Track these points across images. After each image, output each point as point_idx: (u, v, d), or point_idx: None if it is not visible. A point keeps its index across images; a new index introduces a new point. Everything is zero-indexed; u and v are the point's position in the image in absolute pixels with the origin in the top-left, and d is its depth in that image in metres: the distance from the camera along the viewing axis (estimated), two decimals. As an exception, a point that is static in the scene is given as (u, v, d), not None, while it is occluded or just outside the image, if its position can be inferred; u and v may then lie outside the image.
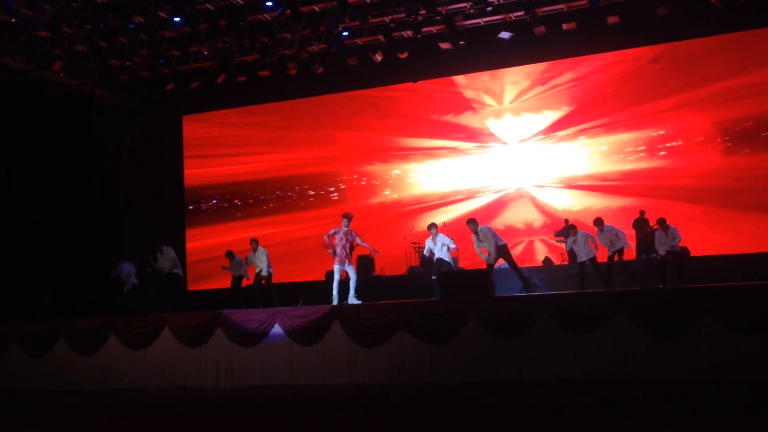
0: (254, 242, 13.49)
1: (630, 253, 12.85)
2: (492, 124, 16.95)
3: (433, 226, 12.33)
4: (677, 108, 15.57)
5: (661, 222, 12.22)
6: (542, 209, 16.45)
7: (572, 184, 16.26)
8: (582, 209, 15.91)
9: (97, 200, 17.23)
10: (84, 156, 17.21)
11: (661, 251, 12.15)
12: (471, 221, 11.93)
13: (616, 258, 12.26)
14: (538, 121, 16.59)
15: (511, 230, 16.18)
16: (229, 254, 14.71)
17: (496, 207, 16.75)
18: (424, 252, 12.59)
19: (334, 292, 11.73)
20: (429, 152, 17.41)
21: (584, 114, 16.24)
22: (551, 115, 16.50)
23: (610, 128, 16.04)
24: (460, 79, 17.26)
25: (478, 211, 16.63)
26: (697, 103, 15.46)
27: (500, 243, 11.84)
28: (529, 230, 16.48)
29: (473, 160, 17.05)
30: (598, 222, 12.46)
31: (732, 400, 7.95)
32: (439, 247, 12.08)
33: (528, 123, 16.67)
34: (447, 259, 12.17)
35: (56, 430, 8.60)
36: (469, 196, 16.99)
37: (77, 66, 16.23)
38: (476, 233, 11.78)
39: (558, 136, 16.41)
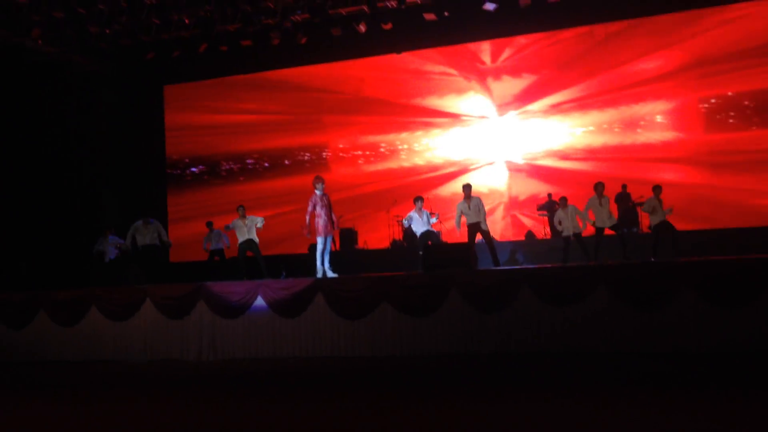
0: (242, 209, 13.11)
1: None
2: (476, 97, 16.87)
3: (419, 199, 12.41)
4: (664, 82, 15.56)
5: (657, 189, 12.07)
6: (523, 183, 16.45)
7: (557, 158, 16.26)
8: (564, 183, 15.92)
9: (75, 171, 17.00)
10: (62, 125, 16.95)
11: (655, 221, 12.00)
12: (466, 186, 12.19)
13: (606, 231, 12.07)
14: (524, 94, 16.52)
15: (489, 204, 16.20)
16: (209, 225, 14.56)
17: (477, 181, 16.73)
18: (404, 221, 12.69)
19: (319, 264, 11.70)
20: (414, 124, 17.32)
21: (570, 87, 16.18)
22: (537, 88, 16.42)
23: (595, 102, 16.00)
24: (447, 50, 17.07)
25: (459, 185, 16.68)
26: (684, 78, 15.44)
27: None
28: (509, 204, 16.49)
29: (457, 133, 16.98)
30: (599, 186, 12.15)
31: (711, 373, 8.08)
32: (425, 221, 12.22)
33: (513, 96, 16.59)
34: (433, 230, 12.32)
35: (38, 401, 8.56)
36: (459, 170, 16.93)
37: (55, 33, 15.89)
38: (469, 198, 12.01)
39: (543, 110, 16.37)
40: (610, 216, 12.08)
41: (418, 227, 12.40)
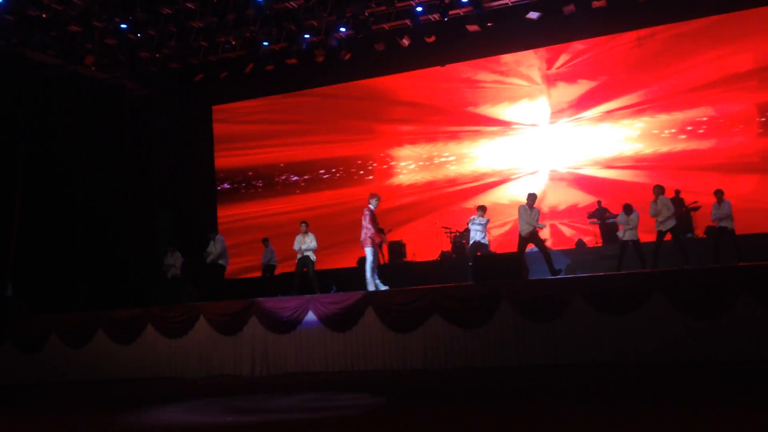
0: (305, 225, 13.26)
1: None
2: (527, 105, 16.73)
3: (481, 208, 12.33)
4: (721, 87, 15.18)
5: (718, 193, 11.86)
6: (571, 192, 16.25)
7: (604, 166, 16.02)
8: (613, 191, 15.67)
9: (130, 191, 17.46)
10: (117, 148, 17.43)
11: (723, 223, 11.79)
12: (531, 195, 11.98)
13: (667, 237, 11.81)
14: (575, 101, 16.33)
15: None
16: (265, 241, 14.77)
17: (525, 190, 16.55)
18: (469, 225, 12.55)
19: (369, 276, 11.66)
20: (462, 134, 17.28)
21: (621, 93, 15.93)
22: (588, 95, 16.22)
23: (647, 108, 15.73)
24: (491, 60, 17.00)
25: (506, 194, 16.55)
26: (744, 83, 15.03)
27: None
28: (555, 213, 16.27)
29: (505, 142, 16.88)
30: (658, 189, 11.90)
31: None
32: (480, 230, 12.11)
33: (564, 103, 16.41)
34: (484, 242, 12.19)
35: (98, 419, 8.75)
36: (503, 179, 16.87)
37: (108, 59, 16.42)
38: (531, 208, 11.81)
39: (590, 118, 16.17)
40: (665, 219, 11.78)
41: (474, 235, 12.32)
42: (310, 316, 11.27)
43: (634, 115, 15.86)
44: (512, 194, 16.46)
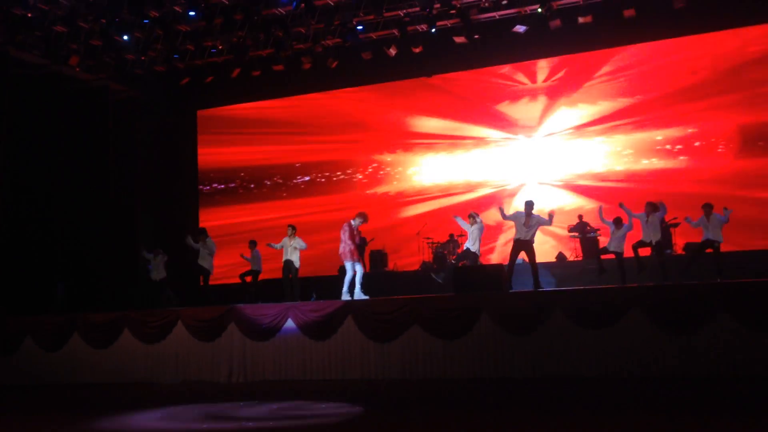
0: (292, 228, 13.11)
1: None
2: (508, 118, 16.75)
3: (472, 215, 12.26)
4: (704, 106, 15.25)
5: (706, 207, 11.78)
6: (548, 205, 16.25)
7: (584, 182, 16.06)
8: (591, 207, 15.73)
9: (112, 194, 17.31)
10: (99, 150, 17.28)
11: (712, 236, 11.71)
12: (529, 203, 11.70)
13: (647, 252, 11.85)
14: (554, 116, 16.39)
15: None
16: (252, 244, 14.58)
17: (502, 201, 16.59)
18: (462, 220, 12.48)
19: (346, 288, 11.66)
20: (446, 145, 17.28)
21: (609, 110, 15.96)
22: (567, 110, 16.29)
23: (634, 126, 15.75)
24: (483, 72, 17.02)
25: (480, 205, 16.56)
26: (729, 104, 15.10)
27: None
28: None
29: (492, 152, 16.83)
30: (653, 205, 11.85)
31: (747, 397, 7.85)
32: (474, 237, 12.04)
33: (543, 118, 16.46)
34: (474, 250, 12.14)
35: (70, 423, 8.63)
36: (469, 189, 16.89)
37: (93, 60, 16.30)
38: (529, 216, 11.57)
39: (569, 133, 16.20)
40: (655, 233, 11.83)
41: (468, 243, 12.28)
42: (290, 323, 11.23)
43: (612, 131, 15.92)
44: (486, 206, 16.51)
